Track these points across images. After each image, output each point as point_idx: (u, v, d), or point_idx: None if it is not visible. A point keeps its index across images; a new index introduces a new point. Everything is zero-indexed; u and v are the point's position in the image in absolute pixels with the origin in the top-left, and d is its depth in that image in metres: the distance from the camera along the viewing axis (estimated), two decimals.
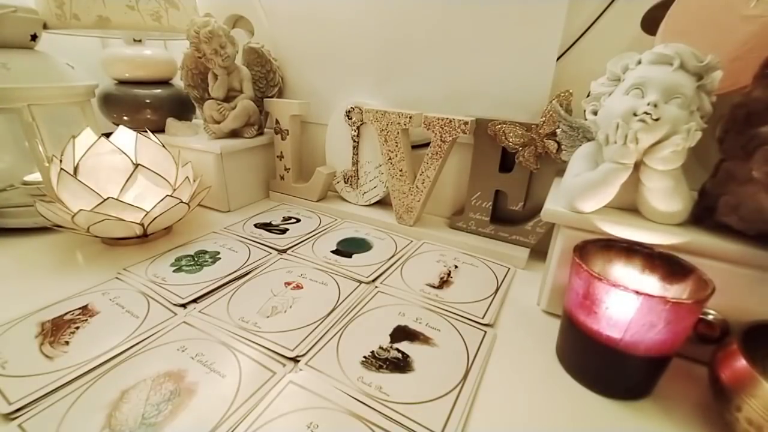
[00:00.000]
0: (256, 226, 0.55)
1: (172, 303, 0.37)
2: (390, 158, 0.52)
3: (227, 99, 0.60)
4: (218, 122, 0.59)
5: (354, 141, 0.57)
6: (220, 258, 0.46)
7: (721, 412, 0.25)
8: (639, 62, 0.31)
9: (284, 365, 0.30)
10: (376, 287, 0.41)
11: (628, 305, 0.26)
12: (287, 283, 0.41)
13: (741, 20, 0.31)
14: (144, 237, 0.48)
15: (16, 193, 0.53)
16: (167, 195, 0.45)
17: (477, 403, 0.28)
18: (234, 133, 0.61)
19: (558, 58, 0.44)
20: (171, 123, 0.63)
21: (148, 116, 0.63)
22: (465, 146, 0.51)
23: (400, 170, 0.52)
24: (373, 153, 0.57)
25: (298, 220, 0.58)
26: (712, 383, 0.27)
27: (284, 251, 0.48)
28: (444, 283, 0.42)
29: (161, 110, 0.64)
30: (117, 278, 0.41)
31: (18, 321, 0.34)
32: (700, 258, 0.30)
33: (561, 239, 0.35)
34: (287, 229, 0.54)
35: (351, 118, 0.56)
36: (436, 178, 0.50)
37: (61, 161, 0.44)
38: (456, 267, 0.46)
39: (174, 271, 0.43)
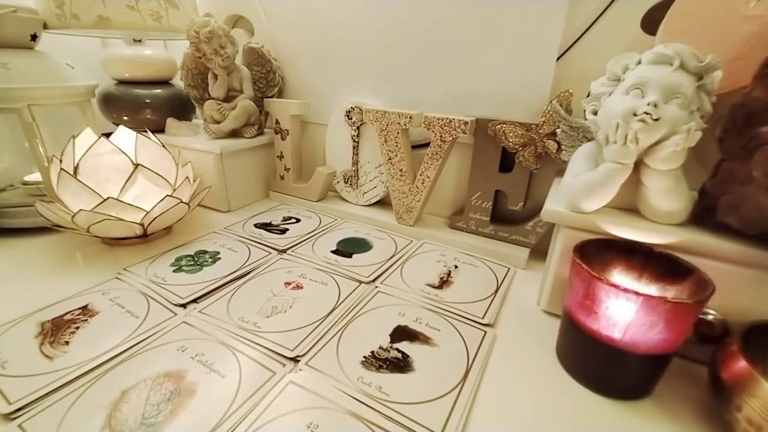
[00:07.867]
0: (256, 226, 0.55)
1: (172, 303, 0.37)
2: (390, 158, 0.52)
3: (227, 99, 0.60)
4: (218, 122, 0.59)
5: (354, 141, 0.57)
6: (220, 258, 0.46)
7: (721, 412, 0.25)
8: (639, 62, 0.31)
9: (284, 365, 0.30)
10: (376, 287, 0.41)
11: (628, 305, 0.26)
12: (287, 283, 0.41)
13: (741, 20, 0.31)
14: (144, 237, 0.48)
15: (16, 193, 0.54)
16: (167, 195, 0.45)
17: (477, 403, 0.28)
18: (234, 133, 0.61)
19: (558, 58, 0.44)
20: (171, 123, 0.63)
21: (148, 116, 0.63)
22: (465, 146, 0.51)
23: (400, 170, 0.52)
24: (373, 153, 0.57)
25: (298, 220, 0.58)
26: (712, 383, 0.27)
27: (284, 251, 0.48)
28: (444, 283, 0.42)
29: (161, 110, 0.64)
30: (117, 278, 0.41)
31: (18, 321, 0.34)
32: (700, 258, 0.30)
33: (561, 239, 0.35)
34: (287, 229, 0.54)
35: (351, 118, 0.56)
36: (436, 178, 0.50)
37: (61, 161, 0.44)
38: (456, 267, 0.46)
39: (174, 271, 0.43)
